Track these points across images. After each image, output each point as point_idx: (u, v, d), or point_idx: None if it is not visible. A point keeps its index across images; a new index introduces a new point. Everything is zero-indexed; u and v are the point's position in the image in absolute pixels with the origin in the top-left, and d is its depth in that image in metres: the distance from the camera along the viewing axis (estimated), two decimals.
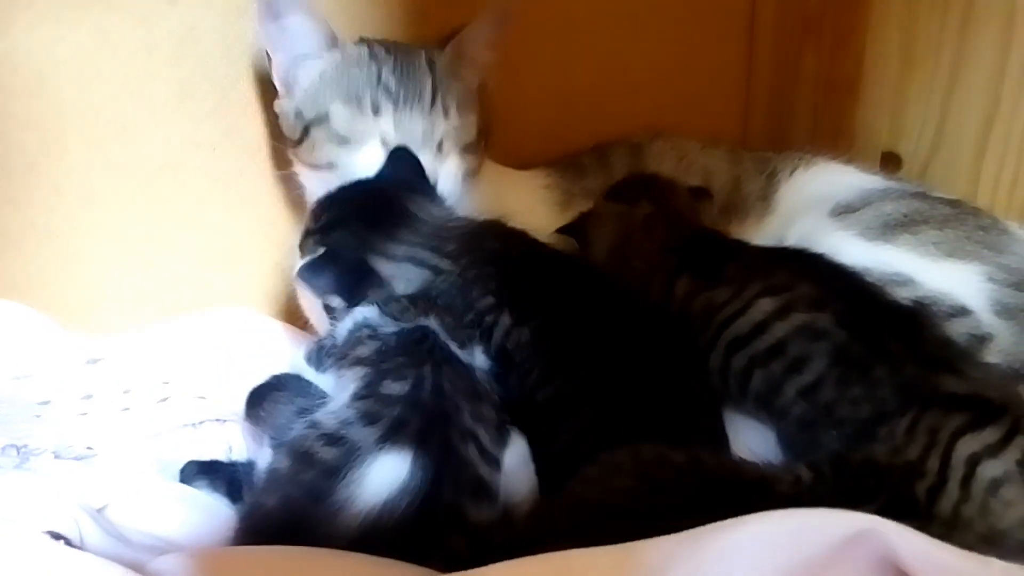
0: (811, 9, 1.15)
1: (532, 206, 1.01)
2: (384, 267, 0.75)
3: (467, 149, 0.92)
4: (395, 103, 0.87)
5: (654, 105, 1.14)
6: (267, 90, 0.95)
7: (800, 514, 0.50)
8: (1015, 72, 0.95)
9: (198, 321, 0.94)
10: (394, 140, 0.87)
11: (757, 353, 0.71)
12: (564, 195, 1.03)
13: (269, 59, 0.90)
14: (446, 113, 0.89)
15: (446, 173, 0.89)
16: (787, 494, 0.58)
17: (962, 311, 0.78)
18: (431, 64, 0.90)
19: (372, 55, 0.89)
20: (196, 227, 0.98)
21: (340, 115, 0.87)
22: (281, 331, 0.96)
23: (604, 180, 1.01)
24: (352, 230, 0.76)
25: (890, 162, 1.10)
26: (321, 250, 0.76)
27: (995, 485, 0.58)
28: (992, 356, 0.76)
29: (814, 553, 0.47)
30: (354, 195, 0.81)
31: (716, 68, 1.23)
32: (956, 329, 0.77)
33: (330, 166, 0.88)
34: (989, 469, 0.59)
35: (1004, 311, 0.79)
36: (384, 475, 0.57)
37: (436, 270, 0.76)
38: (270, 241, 1.02)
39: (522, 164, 1.08)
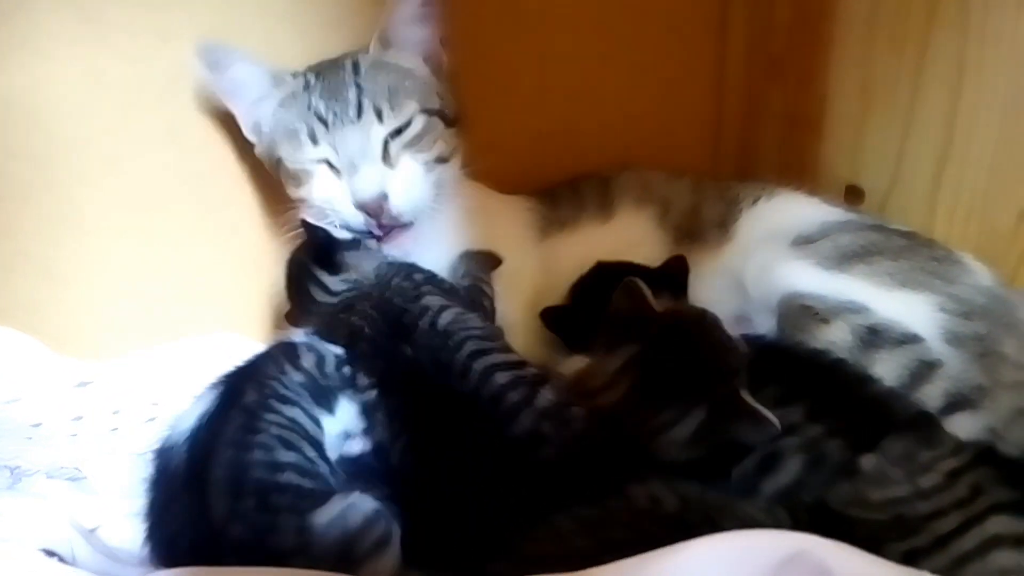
0: (776, 50, 1.20)
1: (515, 227, 1.04)
2: None
3: (418, 142, 0.88)
4: (327, 125, 0.85)
5: (628, 140, 1.18)
6: None
7: (744, 536, 0.53)
8: (967, 111, 1.00)
9: (186, 345, 0.97)
10: (338, 162, 0.86)
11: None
12: (543, 220, 1.06)
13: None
14: (379, 116, 0.86)
15: (399, 182, 0.86)
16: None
17: (913, 338, 0.81)
18: (355, 69, 0.88)
19: (305, 85, 0.88)
20: (184, 255, 1.01)
21: (287, 154, 0.88)
22: None
23: (575, 210, 1.05)
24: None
25: (854, 194, 1.14)
26: None
27: (1003, 573, 0.55)
28: (940, 382, 0.78)
29: (757, 573, 0.50)
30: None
31: (687, 105, 1.27)
32: (906, 355, 0.79)
33: (302, 201, 0.90)
34: (1006, 558, 0.55)
35: (954, 339, 0.82)
36: None
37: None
38: (257, 268, 1.05)
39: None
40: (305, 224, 0.85)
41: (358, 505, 0.63)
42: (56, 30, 0.88)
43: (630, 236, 1.04)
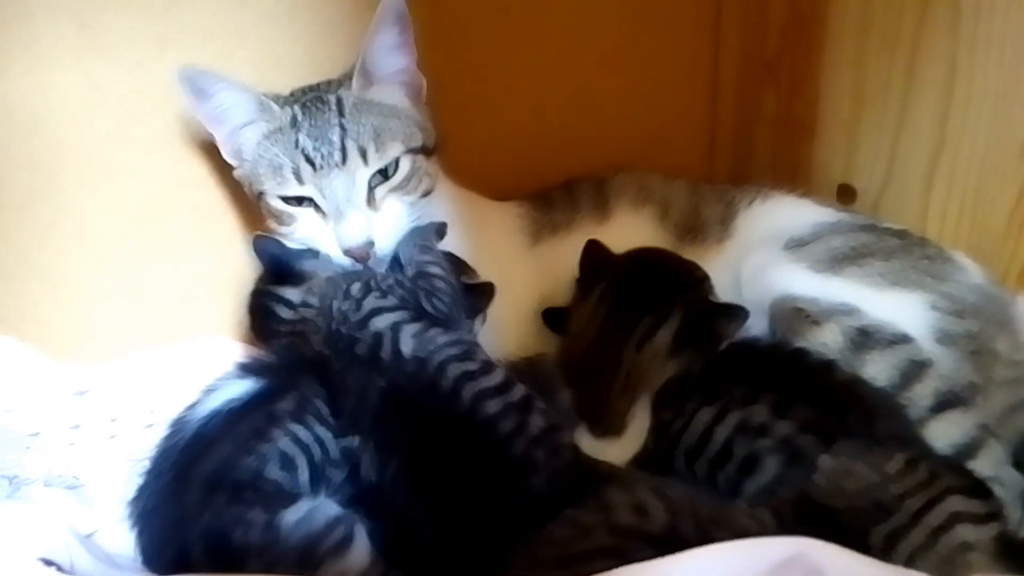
0: (770, 53, 1.21)
1: (505, 234, 1.04)
2: None
3: (405, 185, 0.88)
4: (314, 167, 0.84)
5: (623, 142, 1.19)
6: None
7: (737, 545, 0.54)
8: (958, 111, 1.01)
9: (183, 351, 0.97)
10: (324, 206, 0.85)
11: (711, 459, 0.74)
12: (534, 225, 1.06)
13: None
14: (364, 158, 0.85)
15: (384, 225, 0.86)
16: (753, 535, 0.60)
17: (903, 339, 0.81)
18: (340, 107, 0.87)
19: (292, 121, 0.86)
20: (183, 261, 1.02)
21: (270, 189, 0.87)
22: None
23: (570, 213, 1.06)
24: None
25: (846, 194, 1.15)
26: None
27: (966, 548, 0.60)
28: (930, 381, 0.79)
29: None
30: None
31: (682, 108, 1.28)
32: (897, 356, 0.80)
33: (284, 232, 0.89)
34: (966, 532, 0.61)
35: (945, 338, 0.83)
36: None
37: None
38: (254, 274, 1.05)
39: (498, 198, 1.11)
40: (257, 240, 0.85)
41: (323, 508, 0.66)
42: (55, 39, 0.89)
43: (628, 236, 1.04)
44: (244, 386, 0.73)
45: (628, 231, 1.05)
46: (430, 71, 0.99)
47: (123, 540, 0.68)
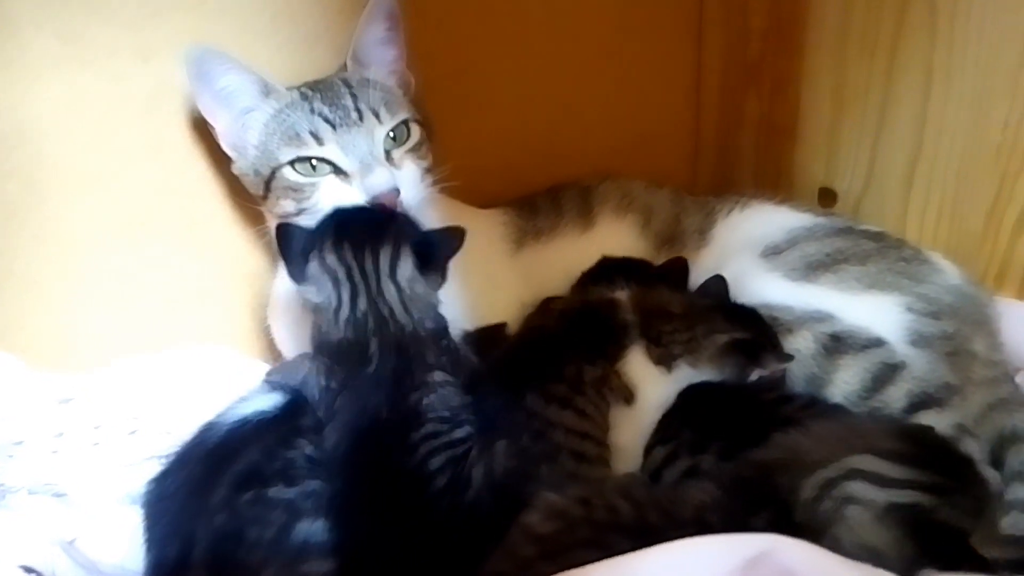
0: (752, 57, 1.22)
1: (490, 242, 1.05)
2: None
3: (415, 149, 0.92)
4: (334, 127, 0.87)
5: (608, 148, 1.20)
6: None
7: (708, 541, 0.55)
8: (936, 114, 1.02)
9: (167, 359, 0.98)
10: (346, 165, 0.88)
11: None
12: (518, 232, 1.07)
13: (213, 129, 0.93)
14: (378, 118, 0.89)
15: (406, 179, 0.90)
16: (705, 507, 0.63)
17: (875, 343, 0.83)
18: (345, 83, 0.92)
19: (302, 94, 0.91)
20: (169, 270, 1.02)
21: (287, 157, 0.88)
22: (249, 366, 1.00)
23: (554, 219, 1.07)
24: None
25: (827, 197, 1.17)
26: None
27: (849, 502, 0.60)
28: (903, 383, 0.80)
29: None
30: None
31: (666, 113, 1.29)
32: (869, 360, 0.81)
33: (300, 212, 0.90)
34: (857, 488, 0.61)
35: (920, 340, 0.84)
36: None
37: None
38: (241, 282, 1.06)
39: (483, 204, 1.12)
40: (284, 228, 0.84)
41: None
42: (39, 51, 0.89)
43: (611, 243, 1.06)
44: (273, 400, 0.78)
45: (611, 238, 1.07)
46: (414, 78, 1.00)
47: (106, 547, 0.68)
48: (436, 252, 0.82)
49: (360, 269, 0.80)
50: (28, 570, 0.57)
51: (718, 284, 0.90)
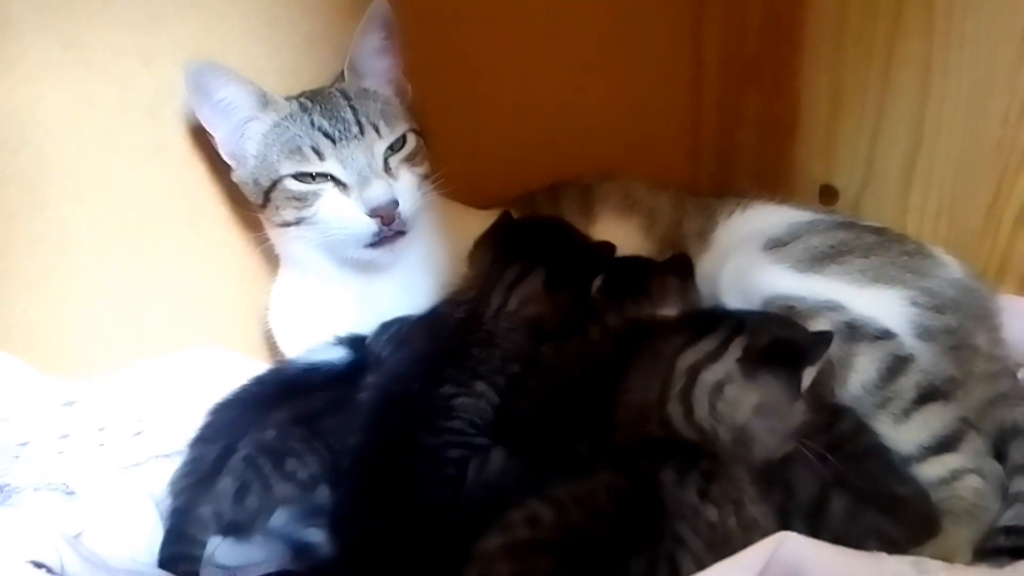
0: (750, 55, 1.23)
1: None
2: None
3: (411, 157, 0.94)
4: (334, 141, 0.89)
5: (608, 147, 1.21)
6: None
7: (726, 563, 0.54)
8: (933, 111, 1.03)
9: (171, 360, 0.98)
10: (345, 178, 0.89)
11: None
12: None
13: (213, 139, 0.94)
14: (377, 132, 0.91)
15: (404, 190, 0.91)
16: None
17: (886, 334, 0.82)
18: (344, 94, 0.93)
19: (301, 106, 0.92)
20: (171, 271, 1.02)
21: (288, 170, 0.90)
22: (251, 367, 0.99)
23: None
24: None
25: (828, 194, 1.17)
26: None
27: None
28: (912, 375, 0.80)
29: None
30: None
31: (666, 112, 1.29)
32: (881, 351, 0.81)
33: (299, 221, 0.92)
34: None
35: (925, 333, 0.83)
36: None
37: None
38: (243, 283, 1.06)
39: (484, 204, 1.12)
40: None
41: None
42: (41, 54, 0.90)
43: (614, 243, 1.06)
44: (339, 353, 0.87)
45: (612, 238, 1.06)
46: (414, 80, 1.01)
47: (113, 541, 0.68)
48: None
49: None
50: (37, 565, 0.57)
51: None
